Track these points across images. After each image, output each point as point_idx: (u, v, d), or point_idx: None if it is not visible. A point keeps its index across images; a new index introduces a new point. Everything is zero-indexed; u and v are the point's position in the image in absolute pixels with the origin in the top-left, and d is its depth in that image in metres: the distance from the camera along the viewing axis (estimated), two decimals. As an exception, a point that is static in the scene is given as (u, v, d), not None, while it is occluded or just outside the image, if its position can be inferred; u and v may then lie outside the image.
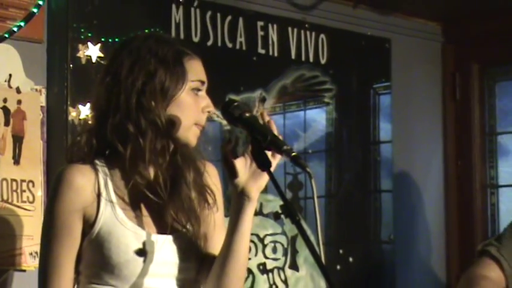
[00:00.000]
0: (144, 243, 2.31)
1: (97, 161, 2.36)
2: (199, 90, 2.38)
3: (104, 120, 2.34)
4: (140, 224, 2.34)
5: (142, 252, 2.31)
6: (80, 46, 3.57)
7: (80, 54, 3.56)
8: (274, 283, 4.26)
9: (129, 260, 2.30)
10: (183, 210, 2.39)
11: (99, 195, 2.33)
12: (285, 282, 4.30)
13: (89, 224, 2.32)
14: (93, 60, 3.58)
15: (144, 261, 2.31)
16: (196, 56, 2.42)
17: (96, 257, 2.32)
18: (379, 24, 4.89)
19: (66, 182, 2.31)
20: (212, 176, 2.49)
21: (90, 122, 2.48)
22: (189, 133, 2.36)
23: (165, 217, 2.38)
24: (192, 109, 2.35)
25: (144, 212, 2.37)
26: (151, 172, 2.35)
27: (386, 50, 4.89)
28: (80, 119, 3.54)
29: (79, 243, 2.33)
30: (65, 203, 2.31)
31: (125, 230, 2.31)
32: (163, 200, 2.35)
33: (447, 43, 5.29)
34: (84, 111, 3.53)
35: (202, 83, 2.39)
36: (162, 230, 2.37)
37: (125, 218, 2.32)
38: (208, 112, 2.39)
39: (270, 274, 4.24)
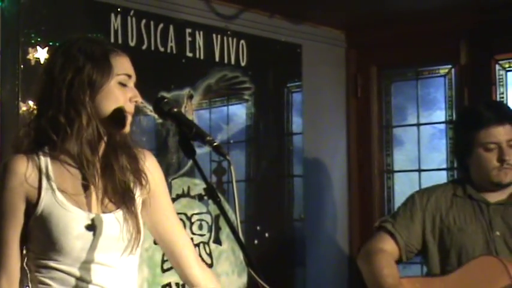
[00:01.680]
0: (82, 223, 2.30)
1: (40, 151, 2.34)
2: (126, 83, 2.37)
3: (41, 114, 2.34)
4: (79, 205, 2.32)
5: (86, 229, 2.30)
6: (30, 49, 3.54)
7: (30, 56, 3.53)
8: (200, 256, 4.13)
9: (68, 237, 2.29)
10: (117, 192, 2.38)
11: (40, 181, 2.31)
12: (210, 255, 4.31)
13: (32, 207, 2.31)
14: (42, 62, 3.53)
15: (90, 237, 2.30)
16: (124, 54, 2.40)
17: (41, 235, 2.31)
18: (291, 31, 4.88)
19: (10, 170, 2.31)
20: (148, 162, 2.47)
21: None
22: None
23: (102, 198, 2.37)
24: (119, 99, 2.33)
25: (82, 194, 2.34)
26: (85, 158, 2.33)
27: (297, 54, 4.89)
28: (29, 113, 3.51)
29: (22, 224, 2.32)
30: (9, 189, 2.31)
31: (64, 211, 2.30)
32: (96, 184, 2.34)
33: (350, 48, 5.28)
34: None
35: (129, 76, 2.37)
36: (100, 210, 2.36)
37: (64, 201, 2.31)
38: (136, 102, 2.37)
39: (197, 248, 4.21)
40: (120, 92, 2.35)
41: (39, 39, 3.58)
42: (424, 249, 3.58)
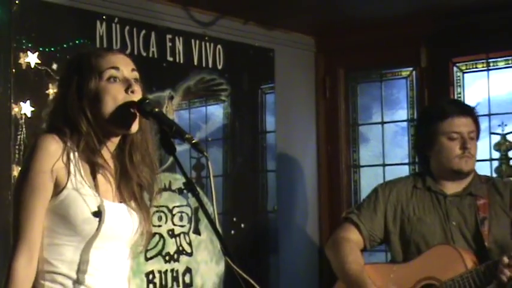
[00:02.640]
0: (99, 207, 2.25)
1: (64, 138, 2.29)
2: (116, 76, 2.30)
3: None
4: (99, 192, 2.28)
5: (97, 215, 2.25)
6: (21, 54, 3.53)
7: (21, 61, 3.52)
8: (181, 245, 4.26)
9: (85, 220, 2.24)
10: (132, 195, 2.38)
11: (68, 162, 2.25)
12: (190, 244, 4.31)
13: (58, 187, 2.25)
14: (32, 66, 3.55)
15: (98, 222, 2.25)
16: (110, 51, 2.36)
17: (57, 215, 2.25)
18: (264, 37, 4.89)
19: (42, 146, 2.23)
20: None
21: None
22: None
23: (118, 190, 2.36)
24: (114, 95, 2.28)
25: (101, 183, 2.31)
26: (86, 159, 2.30)
27: (270, 58, 4.90)
28: (21, 114, 3.50)
29: (48, 202, 2.25)
30: (41, 163, 2.22)
31: (86, 195, 2.26)
32: (106, 179, 2.32)
33: (319, 52, 5.28)
34: (25, 107, 3.50)
35: (116, 69, 2.30)
36: (116, 200, 2.35)
37: (86, 185, 2.26)
38: (133, 91, 2.29)
39: (177, 238, 4.25)
40: (112, 87, 2.29)
41: (29, 44, 3.57)
42: (387, 239, 3.61)
